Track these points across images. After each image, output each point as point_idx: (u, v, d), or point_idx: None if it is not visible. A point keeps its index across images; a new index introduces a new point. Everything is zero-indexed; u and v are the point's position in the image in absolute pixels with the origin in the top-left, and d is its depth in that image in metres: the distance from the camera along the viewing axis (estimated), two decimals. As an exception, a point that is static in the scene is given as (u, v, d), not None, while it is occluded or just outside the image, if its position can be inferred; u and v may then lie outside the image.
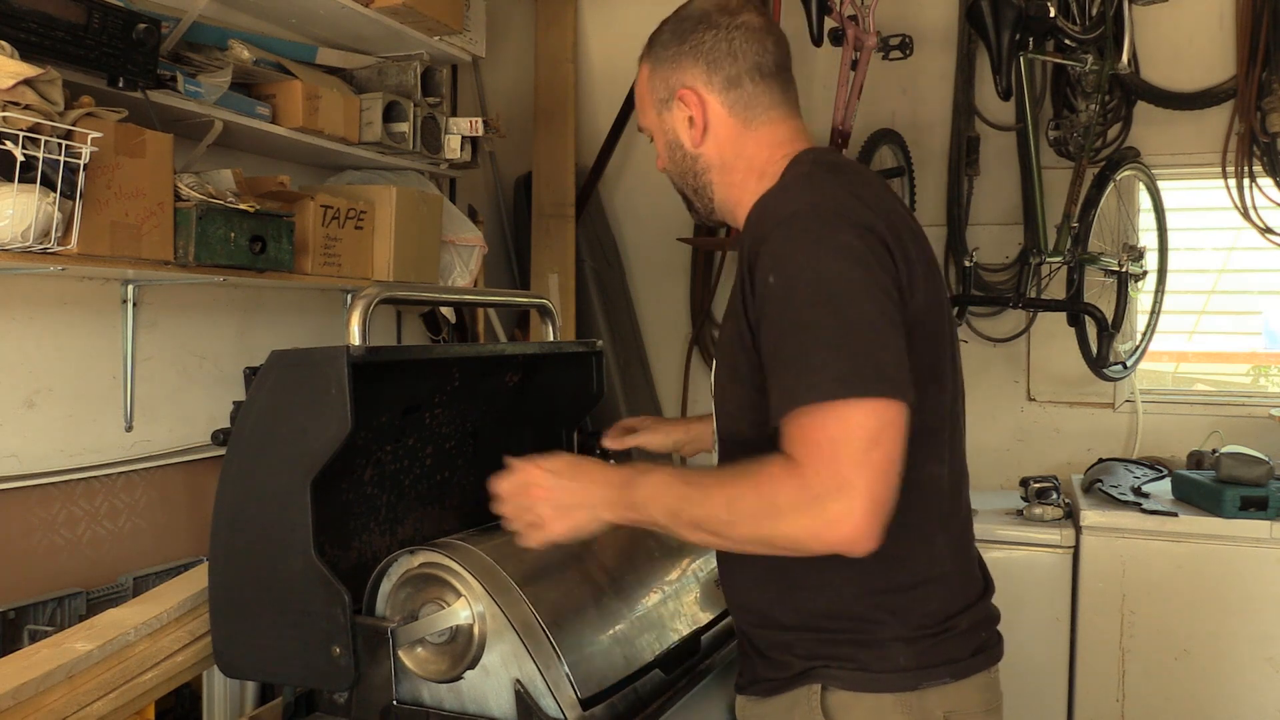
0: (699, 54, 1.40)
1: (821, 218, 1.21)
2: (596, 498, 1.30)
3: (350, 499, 1.65)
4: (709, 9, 1.42)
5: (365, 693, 1.43)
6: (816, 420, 1.13)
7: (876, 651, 1.28)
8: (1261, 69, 3.19)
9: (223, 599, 1.46)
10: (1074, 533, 2.93)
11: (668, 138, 1.45)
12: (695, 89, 1.40)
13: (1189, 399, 3.46)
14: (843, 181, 1.30)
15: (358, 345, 1.36)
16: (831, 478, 1.11)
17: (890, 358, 1.15)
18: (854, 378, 1.12)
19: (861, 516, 1.10)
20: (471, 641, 1.38)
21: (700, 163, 1.43)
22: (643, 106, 1.49)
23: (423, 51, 2.87)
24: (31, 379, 2.10)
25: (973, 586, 1.39)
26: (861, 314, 1.15)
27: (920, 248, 1.30)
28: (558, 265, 3.68)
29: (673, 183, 1.50)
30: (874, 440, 1.11)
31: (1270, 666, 2.76)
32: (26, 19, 1.75)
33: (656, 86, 1.44)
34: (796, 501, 1.12)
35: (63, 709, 1.40)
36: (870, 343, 1.14)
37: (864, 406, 1.12)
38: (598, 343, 1.97)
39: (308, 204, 2.37)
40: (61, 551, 2.13)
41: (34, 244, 1.72)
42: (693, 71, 1.40)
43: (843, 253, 1.18)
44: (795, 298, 1.18)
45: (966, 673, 1.31)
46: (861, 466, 1.11)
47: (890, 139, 3.38)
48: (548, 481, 1.32)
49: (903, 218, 1.32)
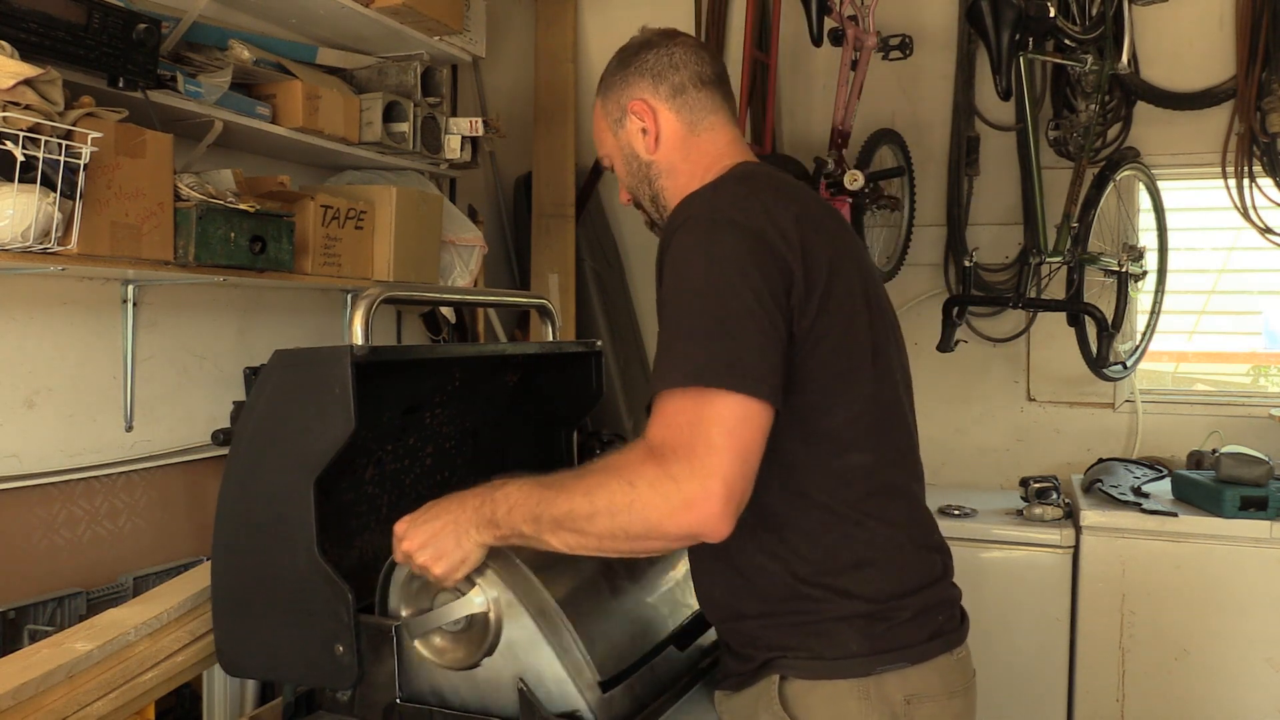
0: (644, 70, 1.51)
1: (713, 221, 1.28)
2: (458, 525, 1.31)
3: (351, 498, 1.65)
4: (647, 37, 1.56)
5: (368, 691, 1.43)
6: (676, 405, 1.18)
7: (827, 639, 1.32)
8: (1261, 69, 3.19)
9: (225, 598, 1.46)
10: (1074, 533, 2.94)
11: (625, 153, 1.54)
12: (644, 99, 1.50)
13: (1189, 399, 3.46)
14: (745, 189, 1.37)
15: (361, 345, 1.36)
16: (688, 459, 1.15)
17: (750, 354, 1.20)
18: (712, 369, 1.18)
19: (716, 500, 1.14)
20: (488, 628, 1.37)
21: (654, 169, 1.52)
22: (601, 137, 1.58)
23: (423, 51, 2.87)
24: (31, 379, 2.10)
25: (923, 571, 1.40)
26: (729, 312, 1.21)
27: (836, 257, 1.34)
28: (558, 265, 3.68)
29: (632, 198, 1.59)
30: (729, 430, 1.16)
31: (1270, 666, 2.76)
32: (26, 19, 1.75)
33: (609, 110, 1.54)
34: (654, 483, 1.16)
35: (63, 709, 1.40)
36: (733, 338, 1.20)
37: (721, 397, 1.17)
38: (598, 343, 1.97)
39: (308, 204, 2.37)
40: (61, 551, 2.13)
41: (34, 244, 1.72)
42: (639, 85, 1.51)
43: (723, 254, 1.25)
44: (676, 296, 1.26)
45: (924, 657, 1.34)
46: (717, 452, 1.15)
47: (890, 139, 3.38)
48: (411, 532, 1.34)
49: (816, 228, 1.35)
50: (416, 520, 1.35)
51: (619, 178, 1.60)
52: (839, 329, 1.32)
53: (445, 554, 1.32)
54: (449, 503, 1.34)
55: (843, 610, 1.32)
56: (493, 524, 1.29)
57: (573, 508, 1.22)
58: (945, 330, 3.22)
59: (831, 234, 1.39)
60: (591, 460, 1.28)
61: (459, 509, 1.32)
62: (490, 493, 1.30)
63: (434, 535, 1.32)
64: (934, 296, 3.58)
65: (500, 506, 1.28)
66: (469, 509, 1.31)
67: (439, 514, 1.33)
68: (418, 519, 1.35)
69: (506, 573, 1.37)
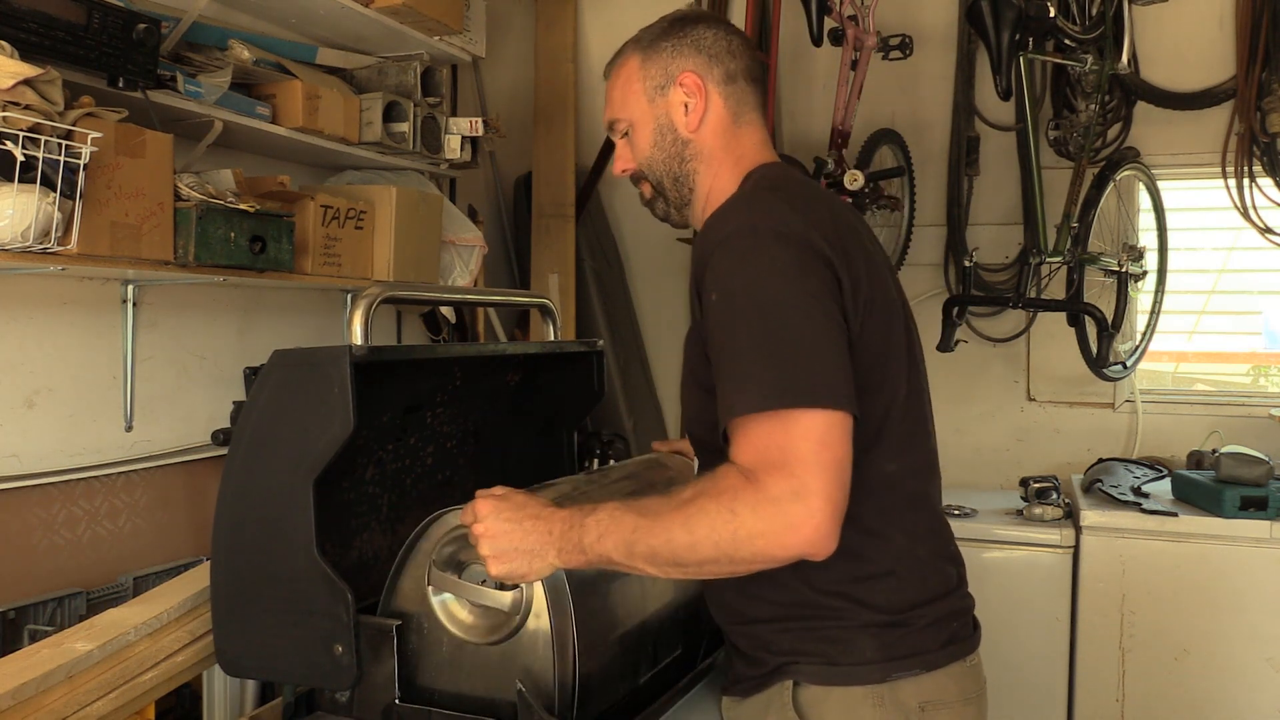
0: (700, 46, 1.45)
1: (757, 235, 1.26)
2: (540, 543, 1.26)
3: (352, 498, 1.65)
4: (704, 14, 1.50)
5: (367, 692, 1.43)
6: (762, 429, 1.16)
7: (842, 645, 1.31)
8: (1261, 69, 3.19)
9: (225, 598, 1.46)
10: (1074, 533, 2.93)
11: (658, 123, 1.46)
12: (698, 75, 1.44)
13: (1189, 399, 3.46)
14: (781, 198, 1.33)
15: (360, 345, 1.36)
16: (787, 481, 1.13)
17: (824, 367, 1.18)
18: (792, 388, 1.15)
19: (821, 518, 1.12)
20: (503, 627, 1.35)
21: (690, 148, 1.46)
22: (627, 96, 1.49)
23: (423, 51, 2.87)
24: (31, 379, 2.10)
25: (940, 581, 1.39)
26: (794, 326, 1.19)
27: (864, 255, 1.34)
28: (558, 265, 3.68)
29: (645, 176, 1.51)
30: (821, 443, 1.14)
31: (1270, 666, 2.76)
32: (26, 19, 1.75)
33: (652, 73, 1.46)
34: (756, 508, 1.13)
35: (63, 709, 1.40)
36: (805, 354, 1.18)
37: (807, 415, 1.15)
38: (598, 342, 1.97)
39: (308, 204, 2.37)
40: (61, 551, 2.13)
41: (34, 244, 1.72)
42: (695, 60, 1.45)
43: (775, 267, 1.23)
44: (733, 313, 1.22)
45: (938, 664, 1.33)
46: (813, 468, 1.13)
47: (890, 139, 3.38)
48: (489, 522, 1.28)
49: (849, 232, 1.35)
50: (500, 513, 1.28)
51: (635, 146, 1.50)
52: (879, 336, 1.31)
53: (511, 562, 1.27)
54: (537, 513, 1.28)
55: (860, 619, 1.31)
56: (579, 550, 1.24)
57: (671, 538, 1.18)
58: (945, 330, 3.22)
59: (862, 240, 1.38)
60: (681, 487, 1.23)
61: (545, 527, 1.26)
62: (581, 517, 1.25)
63: (510, 540, 1.27)
64: (934, 296, 3.58)
65: (590, 533, 1.23)
66: (556, 531, 1.25)
67: (525, 520, 1.27)
68: (502, 513, 1.28)
69: (549, 583, 1.34)
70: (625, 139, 1.51)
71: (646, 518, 1.20)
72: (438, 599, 1.39)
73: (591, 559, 1.24)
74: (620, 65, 1.51)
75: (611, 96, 1.52)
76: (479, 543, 1.29)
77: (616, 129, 1.52)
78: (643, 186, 1.54)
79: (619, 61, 1.51)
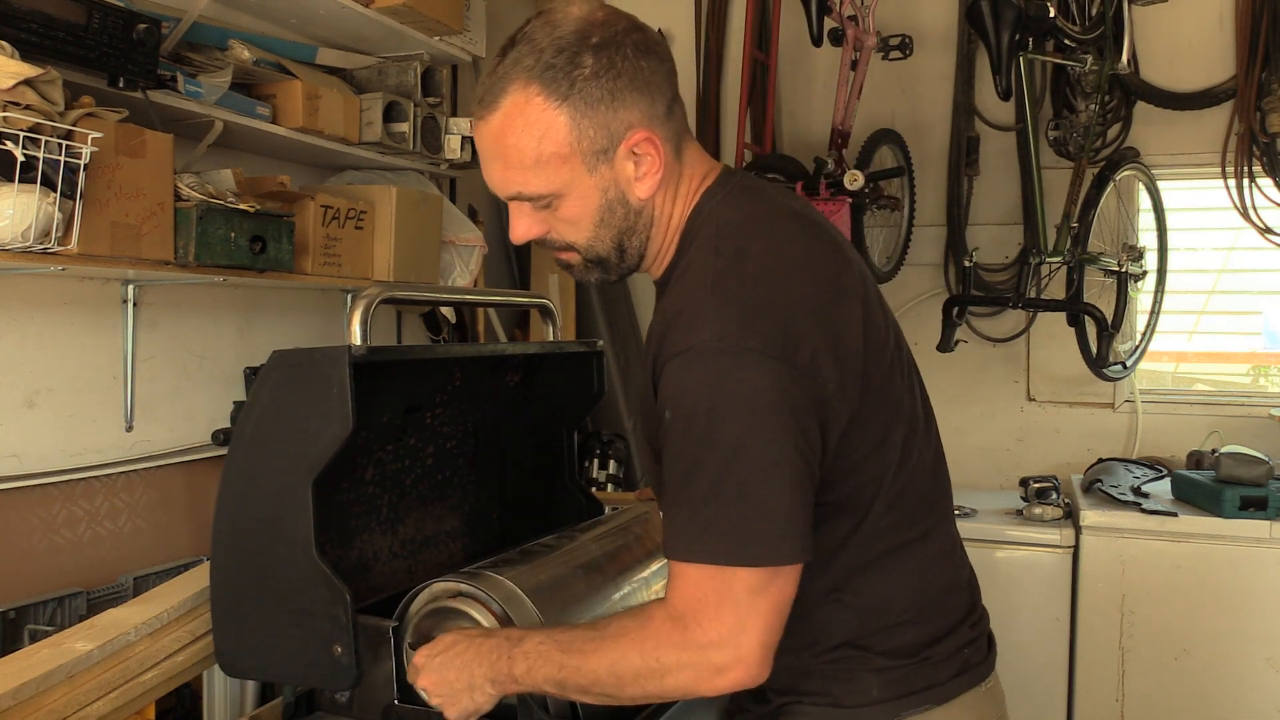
0: (639, 84, 1.14)
1: (723, 355, 1.08)
2: (472, 679, 1.26)
3: (351, 498, 1.65)
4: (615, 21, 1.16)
5: (366, 692, 1.43)
6: (701, 576, 1.11)
7: (847, 685, 1.25)
8: (1261, 69, 3.19)
9: (224, 598, 1.46)
10: (1074, 533, 2.94)
11: (605, 197, 1.18)
12: (649, 130, 1.16)
13: (1189, 399, 3.46)
14: (753, 282, 1.13)
15: (359, 345, 1.36)
16: (716, 629, 1.10)
17: (777, 520, 1.10)
18: (734, 546, 1.09)
19: (749, 659, 1.10)
20: None
21: (643, 218, 1.21)
22: (545, 162, 1.14)
23: (423, 51, 2.87)
24: (31, 379, 2.10)
25: (954, 613, 1.32)
26: (750, 471, 1.08)
27: (858, 297, 1.21)
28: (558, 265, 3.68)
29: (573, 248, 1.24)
30: (760, 593, 1.10)
31: (1270, 666, 2.76)
32: (27, 19, 1.75)
33: (589, 134, 1.13)
34: (681, 655, 1.12)
35: (63, 709, 1.40)
36: (759, 505, 1.09)
37: (748, 572, 1.10)
38: (598, 342, 1.97)
39: (308, 204, 2.37)
40: (62, 551, 2.13)
41: (34, 244, 1.72)
42: (638, 107, 1.15)
43: (740, 396, 1.08)
44: (689, 442, 1.10)
45: (950, 695, 1.27)
46: (748, 617, 1.10)
47: (890, 139, 3.38)
48: (428, 673, 1.29)
49: (834, 292, 1.18)
50: (433, 656, 1.29)
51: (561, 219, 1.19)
52: (875, 400, 1.20)
53: (458, 702, 1.27)
54: (464, 649, 1.27)
55: (870, 664, 1.25)
56: (512, 680, 1.23)
57: (598, 678, 1.16)
58: (945, 330, 3.22)
59: (851, 281, 1.22)
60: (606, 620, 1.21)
61: (475, 660, 1.25)
62: (508, 648, 1.23)
63: (449, 684, 1.27)
64: (934, 296, 3.58)
65: (519, 665, 1.22)
66: (486, 662, 1.24)
67: (453, 660, 1.27)
68: (434, 654, 1.29)
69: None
70: (544, 209, 1.20)
71: (572, 657, 1.18)
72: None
73: (526, 687, 1.24)
74: (520, 118, 1.13)
75: (514, 160, 1.15)
76: (428, 696, 1.30)
77: (531, 203, 1.19)
78: (569, 255, 1.26)
79: (510, 108, 1.13)
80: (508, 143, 1.15)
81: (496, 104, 1.15)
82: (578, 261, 1.26)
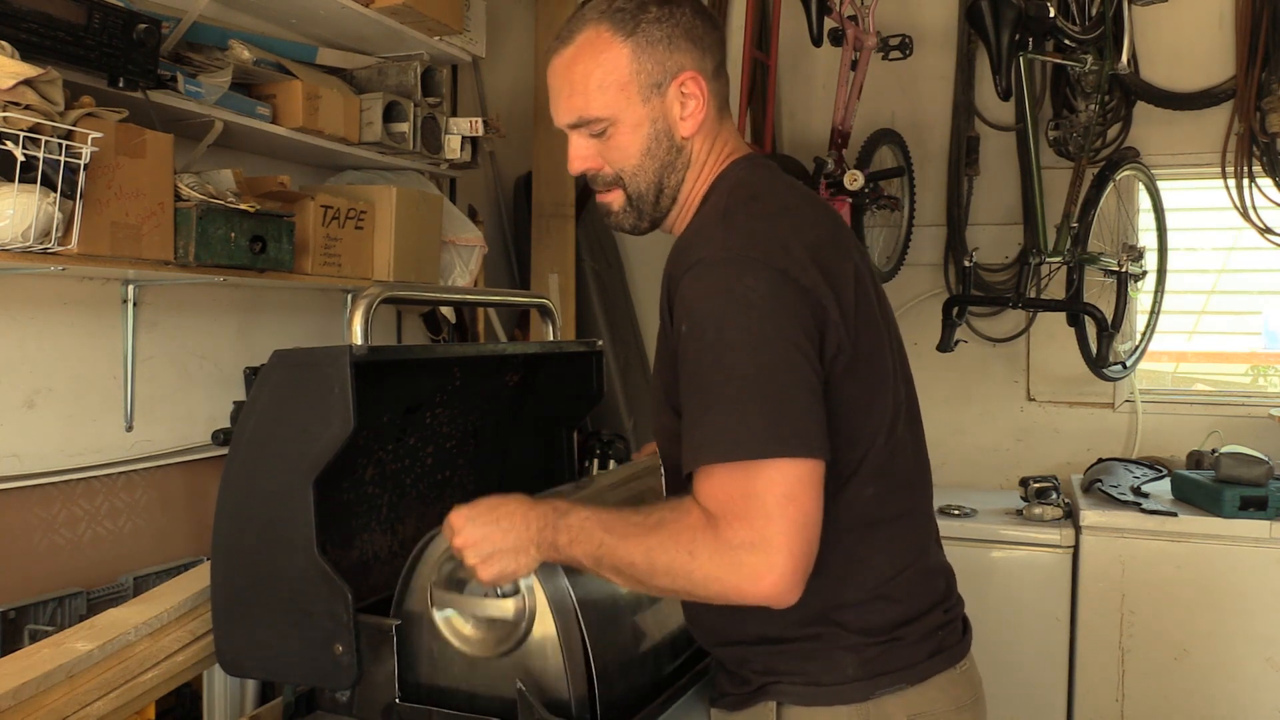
0: (693, 36, 1.31)
1: (731, 264, 1.17)
2: (520, 539, 1.26)
3: (352, 498, 1.65)
4: None
5: (367, 691, 1.43)
6: (727, 478, 1.12)
7: (823, 663, 1.28)
8: (1261, 69, 3.19)
9: (225, 598, 1.46)
10: (1074, 532, 2.94)
11: (654, 127, 1.31)
12: (696, 73, 1.31)
13: (1189, 399, 3.46)
14: (762, 216, 1.25)
15: (360, 345, 1.36)
16: (748, 532, 1.10)
17: (795, 413, 1.13)
18: (757, 439, 1.11)
19: (781, 573, 1.09)
20: (511, 635, 1.35)
21: (683, 157, 1.34)
22: (608, 89, 1.29)
23: (423, 52, 2.87)
24: (31, 379, 2.10)
25: (927, 595, 1.35)
26: (765, 368, 1.13)
27: (852, 269, 1.27)
28: (558, 265, 3.68)
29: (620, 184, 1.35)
30: (788, 496, 1.10)
31: (1270, 666, 2.76)
32: (27, 19, 1.75)
33: (647, 67, 1.29)
34: (715, 555, 1.11)
35: (63, 709, 1.40)
36: (774, 399, 1.12)
37: (772, 465, 1.11)
38: (598, 342, 1.97)
39: (308, 204, 2.37)
40: (62, 551, 2.13)
41: (34, 244, 1.72)
42: (691, 55, 1.31)
43: (748, 301, 1.15)
44: (703, 350, 1.16)
45: (924, 675, 1.30)
46: (777, 522, 1.10)
47: (890, 139, 3.38)
48: (467, 532, 1.28)
49: (834, 248, 1.27)
50: (475, 518, 1.28)
51: (614, 148, 1.32)
52: (865, 365, 1.25)
53: (497, 563, 1.27)
54: (512, 511, 1.27)
55: (843, 642, 1.28)
56: (554, 548, 1.24)
57: (633, 562, 1.18)
58: (945, 330, 3.22)
59: (849, 253, 1.31)
60: (652, 506, 1.21)
61: (523, 524, 1.26)
62: (555, 518, 1.24)
63: (490, 543, 1.26)
64: (934, 296, 3.58)
65: (563, 535, 1.23)
66: (534, 527, 1.25)
67: (500, 520, 1.27)
68: (477, 517, 1.28)
69: (550, 588, 1.33)
70: (597, 138, 1.33)
71: (613, 536, 1.20)
72: (442, 617, 1.39)
73: (564, 559, 1.25)
74: (590, 49, 1.30)
75: (580, 86, 1.31)
76: (464, 554, 1.29)
77: (588, 128, 1.33)
78: (612, 195, 1.36)
79: (583, 42, 1.31)
80: (576, 70, 1.31)
81: (571, 39, 1.32)
82: (619, 204, 1.37)
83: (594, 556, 1.21)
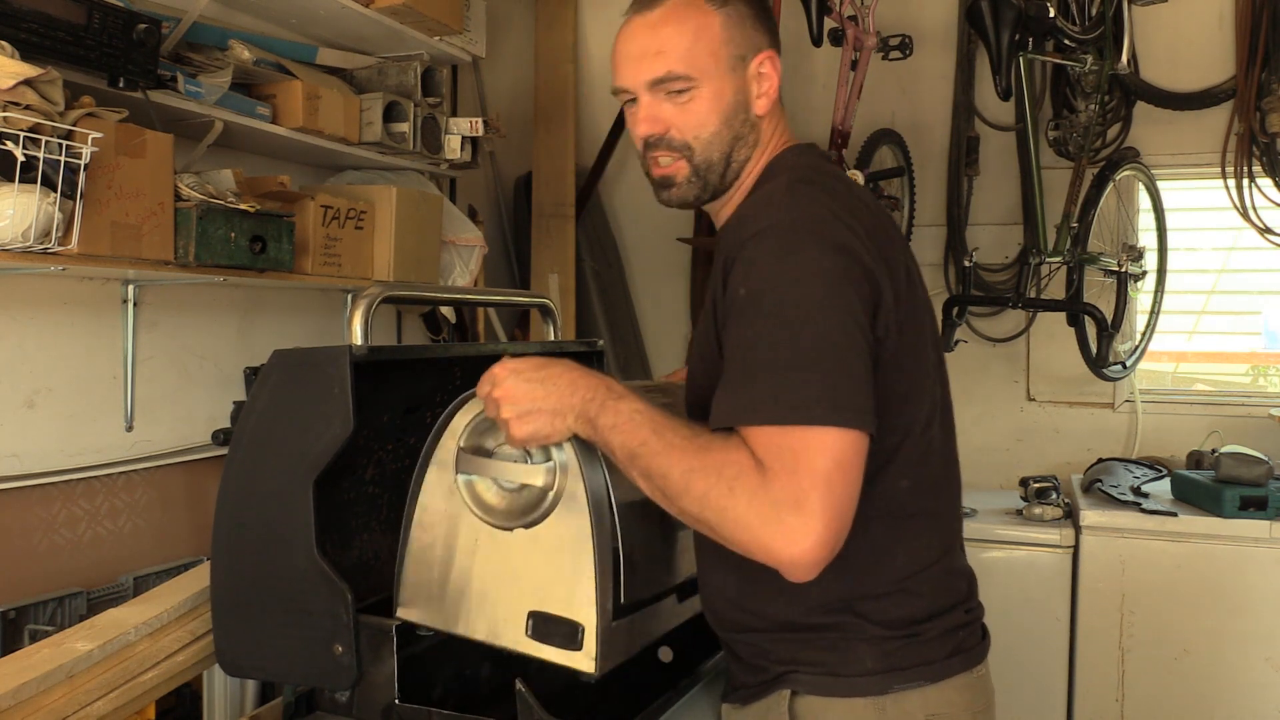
0: (768, 21, 1.36)
1: (796, 233, 1.18)
2: (561, 404, 1.21)
3: (352, 498, 1.65)
4: None
5: (367, 691, 1.43)
6: (781, 438, 1.10)
7: (843, 654, 1.26)
8: (1261, 69, 3.19)
9: (225, 598, 1.46)
10: (1074, 532, 2.94)
11: (732, 97, 1.32)
12: (774, 55, 1.35)
13: (1189, 399, 3.46)
14: (821, 195, 1.26)
15: (360, 345, 1.36)
16: (794, 490, 1.07)
17: (849, 383, 1.12)
18: (811, 406, 1.09)
19: (816, 541, 1.06)
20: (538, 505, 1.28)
21: (754, 133, 1.35)
22: (699, 53, 1.30)
23: (423, 52, 2.87)
24: (31, 379, 2.10)
25: (948, 595, 1.34)
26: (822, 336, 1.13)
27: (904, 261, 1.29)
28: (558, 265, 3.68)
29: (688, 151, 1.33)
30: (837, 464, 1.09)
31: (1270, 666, 2.76)
32: (27, 19, 1.75)
33: (736, 38, 1.32)
34: (753, 503, 1.08)
35: (63, 709, 1.40)
36: (830, 367, 1.11)
37: (825, 433, 1.09)
38: (599, 342, 1.97)
39: (308, 204, 2.37)
40: (62, 551, 2.13)
41: (34, 244, 1.72)
42: (768, 35, 1.36)
43: (810, 270, 1.15)
44: (759, 313, 1.15)
45: (943, 675, 1.28)
46: (822, 487, 1.07)
47: (890, 139, 3.38)
48: (509, 384, 1.22)
49: (887, 235, 1.28)
50: (521, 371, 1.23)
51: (690, 112, 1.31)
52: (911, 353, 1.25)
53: (533, 423, 1.21)
54: (560, 373, 1.23)
55: (864, 633, 1.26)
56: (591, 424, 1.19)
57: (668, 475, 1.13)
58: (945, 330, 3.22)
59: (899, 242, 1.33)
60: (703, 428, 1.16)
61: (569, 389, 1.21)
62: (605, 397, 1.19)
63: (531, 399, 1.21)
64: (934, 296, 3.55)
65: (607, 417, 1.18)
66: (579, 395, 1.20)
67: (546, 379, 1.22)
68: (523, 370, 1.23)
69: (585, 460, 1.26)
70: (674, 100, 1.31)
71: (659, 440, 1.15)
72: (465, 482, 1.33)
73: (597, 440, 1.20)
74: (682, 12, 1.31)
75: (670, 45, 1.30)
76: (499, 407, 1.23)
77: (669, 85, 1.31)
78: (676, 166, 1.35)
79: (674, 5, 1.31)
80: (665, 30, 1.31)
81: (659, 2, 1.32)
82: (684, 174, 1.35)
83: (630, 451, 1.16)
